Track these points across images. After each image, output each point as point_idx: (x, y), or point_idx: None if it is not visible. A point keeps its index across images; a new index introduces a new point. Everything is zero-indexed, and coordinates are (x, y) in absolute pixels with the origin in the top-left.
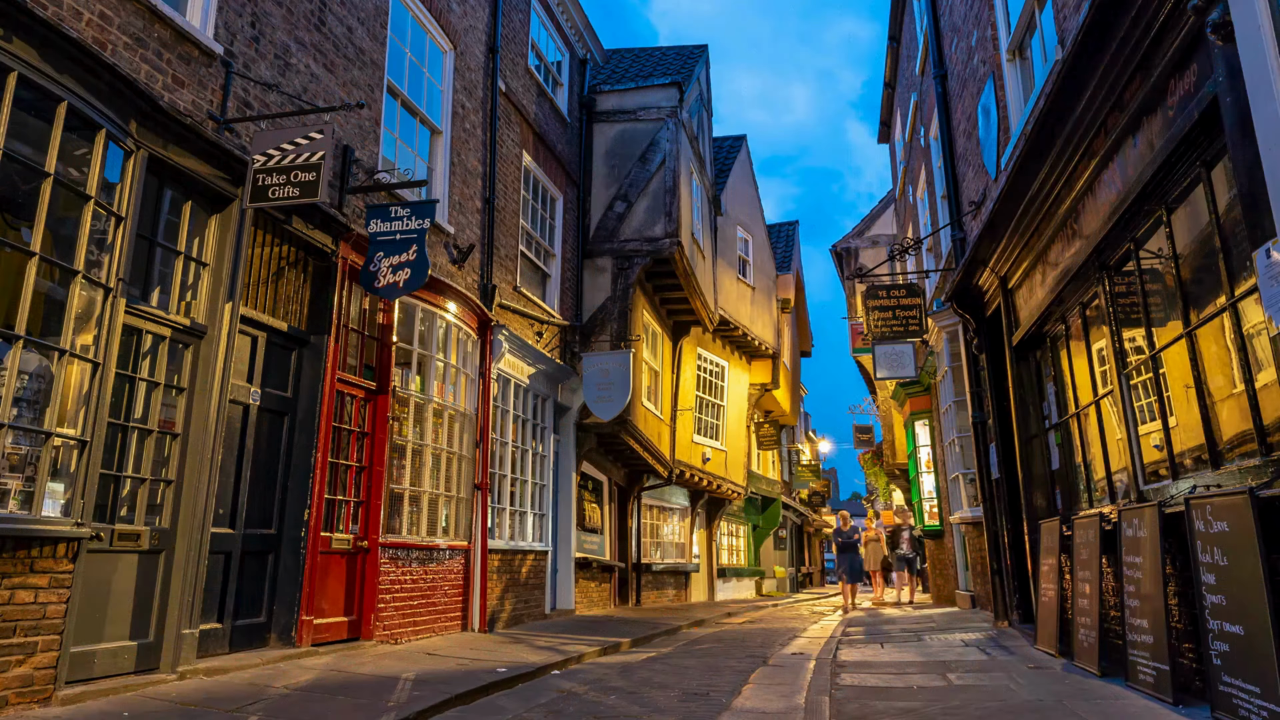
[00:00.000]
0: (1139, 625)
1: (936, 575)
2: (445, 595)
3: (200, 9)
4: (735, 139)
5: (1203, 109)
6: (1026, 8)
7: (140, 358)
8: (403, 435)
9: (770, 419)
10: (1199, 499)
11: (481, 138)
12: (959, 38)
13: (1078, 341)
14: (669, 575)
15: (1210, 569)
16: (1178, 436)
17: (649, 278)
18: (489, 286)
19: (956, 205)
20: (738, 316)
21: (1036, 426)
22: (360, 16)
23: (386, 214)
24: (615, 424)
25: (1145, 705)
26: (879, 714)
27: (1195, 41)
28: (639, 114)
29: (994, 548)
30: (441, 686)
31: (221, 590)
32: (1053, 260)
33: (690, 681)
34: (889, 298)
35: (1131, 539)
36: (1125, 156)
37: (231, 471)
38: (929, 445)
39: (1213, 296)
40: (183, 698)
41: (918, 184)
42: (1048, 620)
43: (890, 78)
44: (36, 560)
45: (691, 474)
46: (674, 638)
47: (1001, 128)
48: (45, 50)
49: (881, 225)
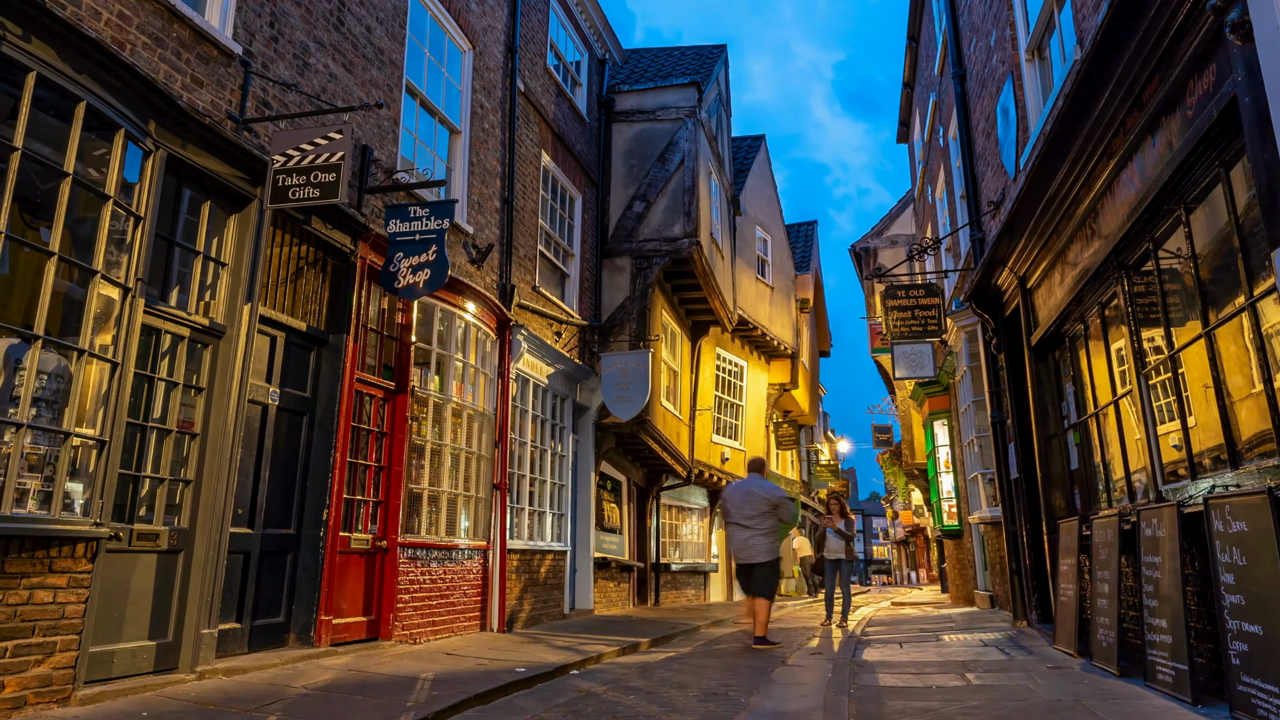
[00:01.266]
0: (1158, 625)
1: (955, 575)
2: (464, 595)
3: (219, 9)
4: (754, 139)
5: (1221, 109)
6: (1045, 7)
7: (159, 357)
8: (421, 435)
9: (789, 419)
10: (1218, 499)
11: (500, 137)
12: (978, 37)
13: (1096, 341)
14: (688, 575)
15: (1229, 569)
16: (1196, 436)
17: (668, 277)
18: (508, 286)
19: (975, 205)
20: (756, 316)
21: (1055, 426)
22: (379, 16)
23: (405, 214)
24: (634, 424)
25: (1164, 705)
26: (898, 714)
27: (1214, 41)
28: (658, 114)
29: (1013, 547)
30: (460, 686)
31: (240, 590)
32: (1071, 260)
33: (709, 681)
34: (908, 297)
35: (1150, 539)
36: (1144, 156)
37: (250, 471)
38: (948, 445)
39: (1231, 296)
40: (202, 697)
41: (936, 184)
42: (1066, 620)
43: (909, 77)
44: (55, 560)
45: (710, 474)
46: (692, 637)
47: (1020, 128)
48: (64, 50)
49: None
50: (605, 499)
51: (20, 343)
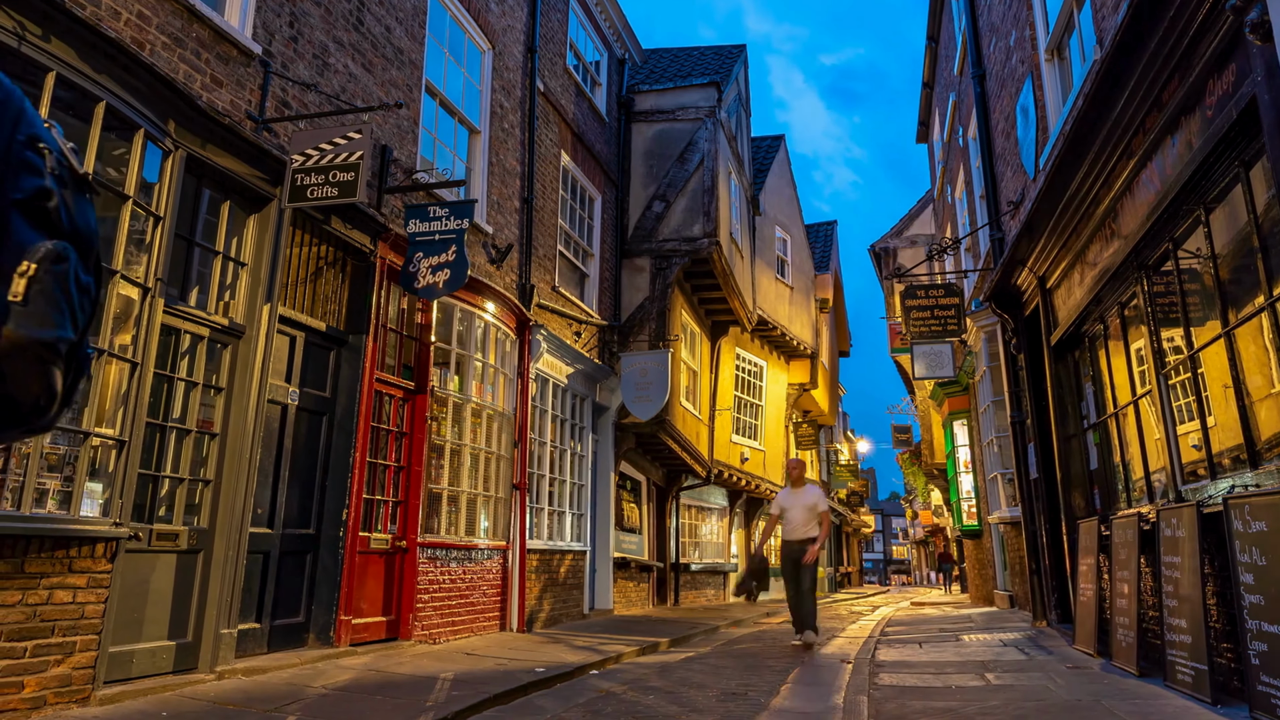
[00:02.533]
0: (1177, 625)
1: (975, 575)
2: (483, 595)
3: (238, 8)
4: (774, 139)
5: (1241, 109)
6: (1065, 7)
7: (179, 357)
8: (441, 435)
9: (809, 419)
10: (1237, 499)
11: (520, 137)
12: (997, 37)
13: (1116, 341)
14: (707, 575)
15: (1249, 569)
16: (1216, 436)
17: (687, 277)
18: (527, 286)
19: (995, 205)
20: (776, 316)
21: (1075, 426)
22: (398, 16)
23: (425, 214)
24: (653, 424)
25: (1183, 705)
26: (917, 714)
27: (1234, 41)
28: (677, 114)
29: (1032, 547)
30: (480, 686)
31: (260, 590)
32: (1091, 260)
33: (728, 681)
34: (927, 297)
35: (1170, 539)
36: (1164, 156)
37: (270, 471)
38: (967, 445)
39: (1251, 296)
40: (221, 698)
41: (956, 184)
42: (1086, 620)
43: (928, 78)
44: (75, 560)
45: (730, 474)
46: (712, 637)
47: (1040, 128)
48: (84, 50)
49: (920, 225)
50: (625, 499)
51: None
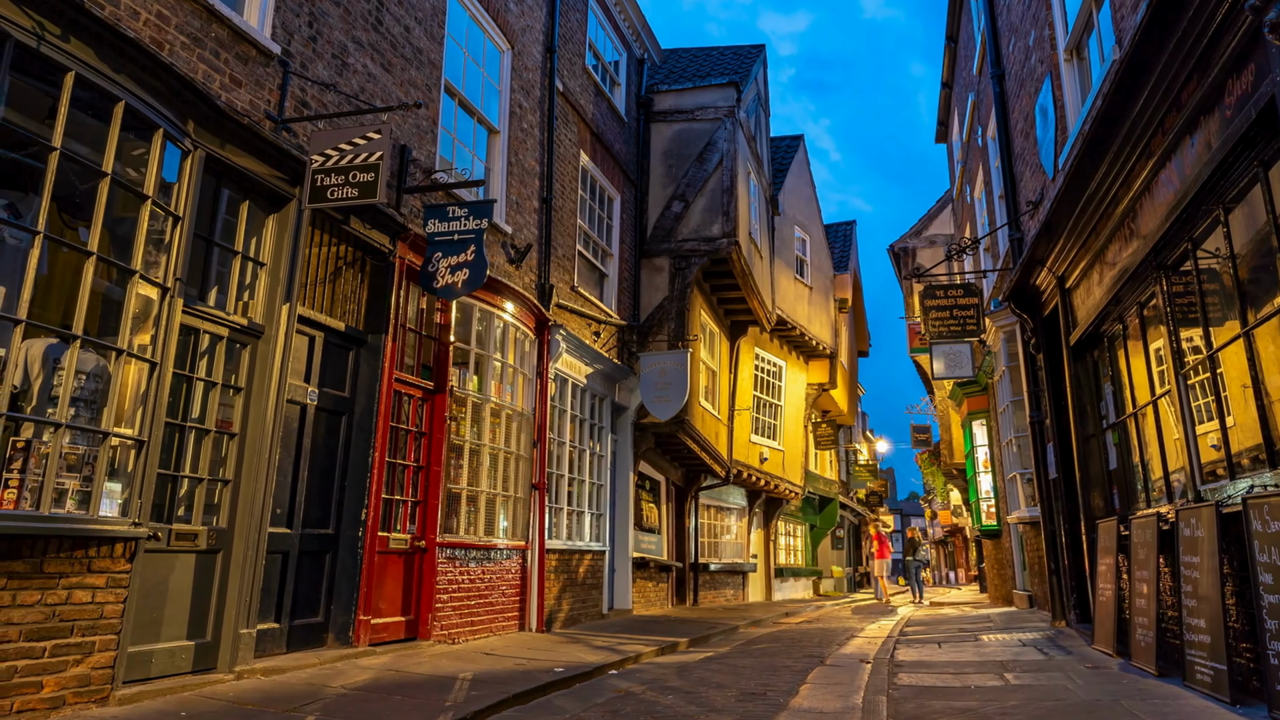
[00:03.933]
0: (1196, 625)
1: (994, 575)
2: (502, 595)
3: (257, 8)
4: (793, 138)
5: (1260, 108)
6: (1084, 7)
7: (198, 357)
8: (460, 435)
9: (828, 419)
10: (1256, 498)
11: (539, 137)
12: (1016, 37)
13: (1135, 341)
14: (726, 575)
15: (1268, 569)
16: (1235, 436)
17: (706, 277)
18: (546, 286)
19: (1014, 205)
20: (795, 316)
21: (1094, 426)
22: (418, 16)
23: (444, 214)
24: (673, 424)
25: (1202, 705)
26: (936, 713)
27: (1253, 41)
28: (696, 114)
29: (1051, 547)
30: (499, 686)
31: (279, 590)
32: (1110, 260)
33: (747, 681)
34: (946, 297)
35: (1189, 539)
36: (1183, 156)
37: (289, 471)
38: (986, 445)
39: (1270, 296)
40: (240, 698)
41: (975, 184)
42: (1105, 620)
43: (947, 78)
44: (94, 560)
45: (749, 474)
46: (731, 637)
47: (1059, 127)
48: (103, 50)
49: (939, 225)
50: (644, 499)
51: (59, 342)
